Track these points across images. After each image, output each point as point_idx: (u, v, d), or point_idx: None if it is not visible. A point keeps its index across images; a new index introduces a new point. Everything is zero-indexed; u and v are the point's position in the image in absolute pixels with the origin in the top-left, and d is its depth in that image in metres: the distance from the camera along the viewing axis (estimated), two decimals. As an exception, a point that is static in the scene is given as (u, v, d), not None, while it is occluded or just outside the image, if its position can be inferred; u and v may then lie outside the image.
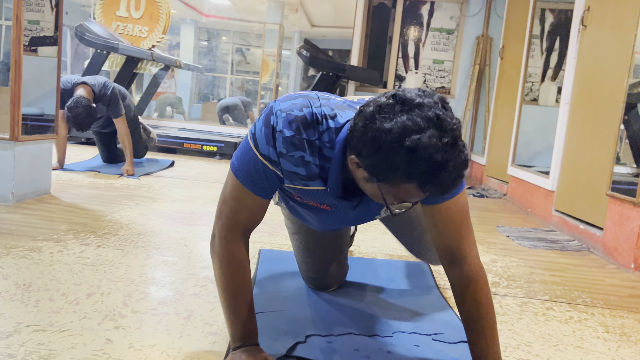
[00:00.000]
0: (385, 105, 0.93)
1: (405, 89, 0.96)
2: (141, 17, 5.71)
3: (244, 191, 1.13)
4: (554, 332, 1.56)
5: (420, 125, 0.88)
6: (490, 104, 5.27)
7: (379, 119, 0.92)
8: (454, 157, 0.89)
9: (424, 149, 0.87)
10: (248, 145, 1.11)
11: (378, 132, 0.91)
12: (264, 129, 1.08)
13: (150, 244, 2.06)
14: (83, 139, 5.28)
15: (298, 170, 1.10)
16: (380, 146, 0.91)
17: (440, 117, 0.89)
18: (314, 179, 1.12)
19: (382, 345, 1.32)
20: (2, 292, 1.46)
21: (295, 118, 1.06)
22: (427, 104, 0.91)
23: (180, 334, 1.31)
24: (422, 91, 0.95)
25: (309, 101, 1.09)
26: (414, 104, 0.91)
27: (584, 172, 2.92)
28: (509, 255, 2.43)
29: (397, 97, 0.93)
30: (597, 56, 2.92)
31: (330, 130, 1.08)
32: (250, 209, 1.15)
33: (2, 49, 2.86)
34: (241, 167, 1.12)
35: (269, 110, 1.10)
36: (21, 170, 2.56)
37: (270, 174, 1.11)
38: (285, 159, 1.08)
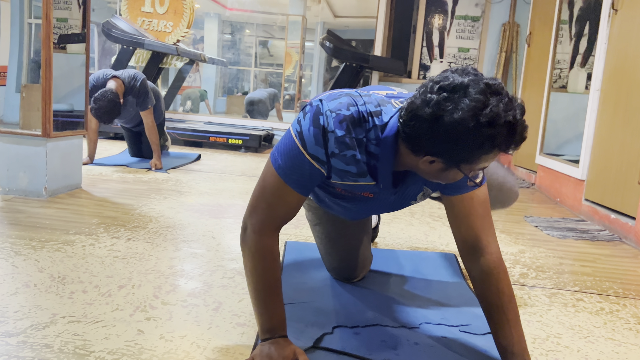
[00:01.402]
0: (442, 99, 0.94)
1: (439, 76, 0.98)
2: (166, 12, 5.77)
3: (286, 188, 1.14)
4: (585, 323, 1.53)
5: (482, 99, 0.92)
6: (517, 91, 5.17)
7: (445, 114, 0.94)
8: (518, 114, 0.95)
9: (498, 117, 0.92)
10: (294, 144, 1.11)
11: (452, 126, 0.93)
12: (313, 129, 1.08)
13: (178, 237, 2.10)
14: (112, 134, 5.38)
15: (349, 168, 1.12)
16: (459, 138, 0.94)
17: (490, 84, 0.94)
18: (365, 175, 1.14)
19: (409, 337, 1.33)
20: (38, 284, 1.51)
21: (344, 117, 1.08)
22: (471, 79, 0.94)
23: (210, 325, 1.34)
24: (455, 71, 0.97)
25: (353, 99, 1.11)
26: (463, 86, 0.94)
27: (615, 160, 2.85)
28: (538, 245, 2.39)
29: (445, 88, 0.95)
30: (629, 41, 2.84)
31: (376, 127, 1.09)
32: (288, 205, 1.16)
33: (32, 47, 2.93)
34: (284, 165, 1.13)
35: (316, 109, 1.10)
36: (53, 166, 2.63)
37: (316, 173, 1.12)
38: (337, 158, 1.10)
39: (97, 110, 3.34)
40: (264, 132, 5.58)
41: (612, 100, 2.97)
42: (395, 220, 2.64)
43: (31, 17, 2.90)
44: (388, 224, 2.57)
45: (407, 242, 2.30)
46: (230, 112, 9.47)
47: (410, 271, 1.87)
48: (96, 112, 3.35)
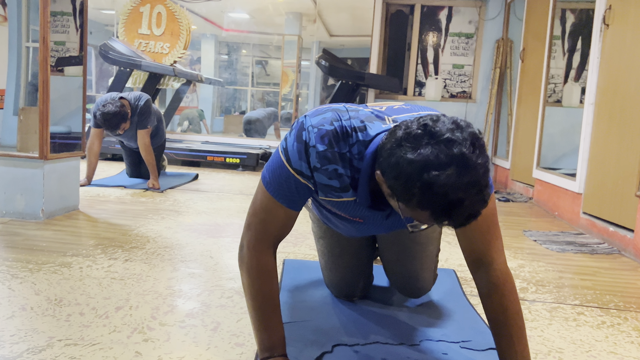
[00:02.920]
0: (414, 134, 0.92)
1: (440, 118, 0.94)
2: (162, 34, 5.83)
3: (275, 204, 1.15)
4: (586, 337, 1.52)
5: (443, 161, 0.88)
6: (512, 107, 5.21)
7: (405, 147, 0.92)
8: (470, 197, 0.89)
9: (439, 187, 0.88)
10: (280, 160, 1.13)
11: (401, 159, 0.92)
12: (296, 145, 1.10)
13: (176, 257, 2.09)
14: (109, 155, 5.39)
15: (332, 182, 1.12)
16: (400, 173, 0.92)
17: (466, 156, 0.88)
18: (347, 190, 1.13)
19: (410, 354, 1.31)
20: (34, 307, 1.50)
21: (326, 132, 1.08)
22: (456, 139, 0.89)
23: (208, 345, 1.32)
24: (456, 124, 0.92)
25: (338, 114, 1.11)
26: (442, 139, 0.89)
27: (611, 173, 2.85)
28: (537, 259, 2.39)
29: (427, 128, 0.92)
30: (621, 55, 2.87)
31: (360, 142, 1.09)
32: (280, 220, 1.17)
33: (30, 70, 2.95)
34: (272, 181, 1.14)
35: (300, 125, 1.11)
36: (50, 188, 2.62)
37: (302, 188, 1.14)
38: (319, 173, 1.10)
39: (104, 115, 3.40)
40: (262, 150, 5.59)
41: (606, 114, 2.99)
42: (394, 237, 2.63)
43: (29, 41, 2.93)
44: (387, 240, 2.56)
45: (406, 258, 2.29)
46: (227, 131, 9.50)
47: (410, 288, 1.85)
48: (103, 116, 3.40)
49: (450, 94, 5.83)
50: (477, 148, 0.90)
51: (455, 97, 5.83)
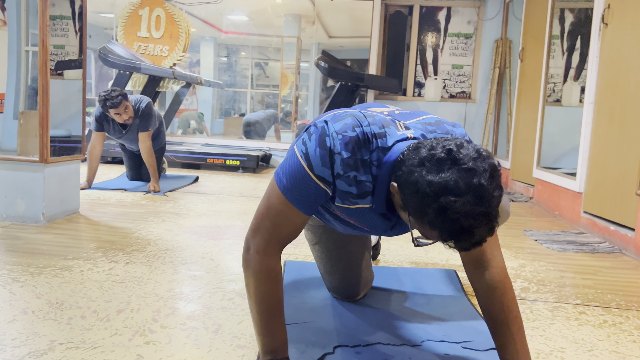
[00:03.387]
0: (438, 158, 0.94)
1: (464, 145, 0.96)
2: (161, 37, 5.83)
3: (291, 208, 1.14)
4: (588, 336, 1.52)
5: (461, 189, 0.91)
6: (512, 106, 5.21)
7: (427, 167, 0.94)
8: (480, 226, 0.93)
9: (453, 212, 0.91)
10: (299, 165, 1.11)
11: (421, 179, 0.94)
12: (319, 150, 1.09)
13: (177, 259, 2.09)
14: (109, 158, 5.39)
15: (351, 189, 1.12)
16: (417, 191, 0.95)
17: (484, 187, 0.91)
18: (365, 197, 1.13)
19: (411, 355, 1.31)
20: (35, 310, 1.50)
21: (350, 139, 1.08)
22: (477, 169, 0.92)
23: (209, 348, 1.32)
24: (478, 153, 0.95)
25: (358, 120, 1.11)
26: (463, 167, 0.92)
27: (612, 172, 2.85)
28: (538, 259, 2.39)
29: (451, 154, 0.94)
30: (620, 54, 2.87)
31: (379, 149, 1.10)
32: (293, 225, 1.16)
33: (29, 74, 2.95)
34: (290, 185, 1.12)
35: (322, 131, 1.10)
36: (51, 191, 2.62)
37: (321, 193, 1.13)
38: (341, 180, 1.10)
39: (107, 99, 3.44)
40: (262, 152, 5.59)
41: (606, 113, 2.99)
42: (395, 238, 2.63)
43: (28, 45, 2.93)
44: (388, 241, 2.56)
45: (407, 259, 2.29)
46: (227, 133, 9.50)
47: (411, 288, 1.85)
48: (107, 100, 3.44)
49: (449, 95, 5.84)
50: (495, 180, 0.94)
51: (455, 98, 5.83)
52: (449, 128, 1.18)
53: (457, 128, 1.19)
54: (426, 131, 1.16)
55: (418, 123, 1.18)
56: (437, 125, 1.18)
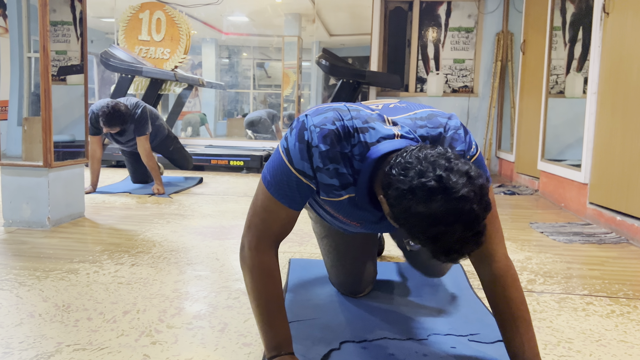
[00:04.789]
0: (429, 187, 0.92)
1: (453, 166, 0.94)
2: (162, 40, 5.84)
3: (276, 203, 1.15)
4: (596, 327, 1.51)
5: (453, 219, 0.91)
6: (515, 99, 5.19)
7: (418, 196, 0.93)
8: (470, 244, 0.95)
9: (445, 241, 0.93)
10: (281, 160, 1.13)
11: (413, 208, 0.94)
12: (298, 145, 1.10)
13: (182, 260, 2.10)
14: (113, 162, 5.41)
15: (332, 181, 1.12)
16: (408, 218, 0.95)
17: (474, 212, 0.92)
18: (347, 187, 1.14)
19: (418, 349, 1.31)
20: (42, 313, 1.50)
21: (329, 132, 1.08)
22: (468, 197, 0.91)
23: (216, 346, 1.33)
24: (468, 175, 0.94)
25: (339, 114, 1.11)
26: (454, 198, 0.91)
27: (617, 162, 2.84)
28: (544, 251, 2.38)
29: (441, 182, 0.92)
30: (622, 43, 2.85)
31: (362, 143, 1.09)
32: (281, 220, 1.17)
33: (32, 81, 2.96)
34: (273, 181, 1.14)
35: (301, 125, 1.11)
36: (56, 196, 2.63)
37: (304, 187, 1.13)
38: (322, 173, 1.11)
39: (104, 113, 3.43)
40: (265, 152, 5.59)
41: (609, 102, 2.97)
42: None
43: (30, 51, 2.94)
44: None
45: (412, 254, 2.28)
46: (230, 134, 9.51)
47: (416, 283, 1.85)
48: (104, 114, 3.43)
49: (452, 89, 5.82)
50: (484, 199, 0.94)
51: (457, 92, 5.81)
52: (442, 121, 1.16)
53: (452, 120, 1.17)
54: (415, 126, 1.15)
55: (407, 118, 1.17)
56: (429, 119, 1.16)
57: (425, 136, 1.14)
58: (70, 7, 3.03)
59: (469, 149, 1.15)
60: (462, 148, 1.14)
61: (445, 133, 1.15)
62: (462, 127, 1.17)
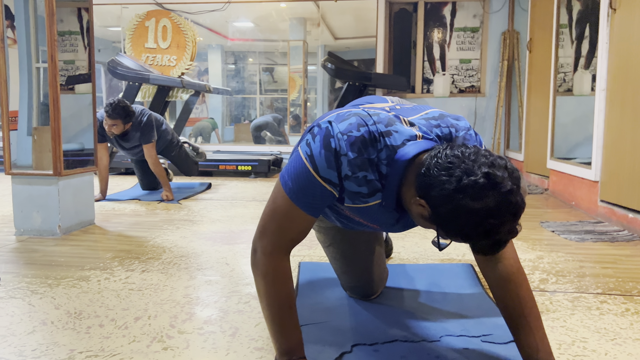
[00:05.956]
0: (481, 184, 0.94)
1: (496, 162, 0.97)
2: (169, 47, 5.87)
3: (296, 210, 1.13)
4: (610, 325, 1.49)
5: (503, 212, 0.95)
6: (522, 98, 5.16)
7: (470, 194, 0.94)
8: (511, 235, 0.99)
9: (495, 233, 0.96)
10: (304, 166, 1.10)
11: (466, 206, 0.95)
12: (324, 152, 1.08)
13: (192, 265, 2.10)
14: (122, 169, 5.44)
15: (361, 189, 1.11)
16: (460, 216, 0.96)
17: (519, 205, 0.96)
18: (374, 194, 1.13)
19: (430, 351, 1.30)
20: (54, 321, 1.51)
21: (356, 139, 1.07)
22: (513, 190, 0.95)
23: (227, 351, 1.32)
24: (507, 169, 0.97)
25: (363, 120, 1.10)
26: (503, 191, 0.94)
27: (627, 158, 2.81)
28: (556, 250, 2.35)
29: (489, 178, 0.94)
30: (630, 39, 2.83)
31: (387, 147, 1.09)
32: (299, 227, 1.16)
33: (41, 91, 2.99)
34: (295, 187, 1.12)
35: (326, 132, 1.09)
36: (66, 204, 2.65)
37: (327, 195, 1.12)
38: (350, 181, 1.10)
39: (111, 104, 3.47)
40: (273, 156, 5.60)
41: (619, 99, 2.94)
42: (409, 235, 2.62)
43: (39, 62, 2.96)
44: (402, 238, 2.55)
45: (422, 255, 2.27)
46: (238, 139, 9.54)
47: (428, 284, 1.84)
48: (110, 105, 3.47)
49: (458, 89, 5.80)
50: (522, 191, 0.98)
51: (464, 92, 5.79)
52: (452, 122, 1.17)
53: (460, 121, 1.18)
54: (430, 126, 1.15)
55: (421, 119, 1.17)
56: (441, 119, 1.17)
57: (440, 136, 1.15)
58: (77, 17, 3.06)
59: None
60: None
61: (457, 133, 1.15)
62: (472, 128, 1.18)
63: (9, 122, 2.72)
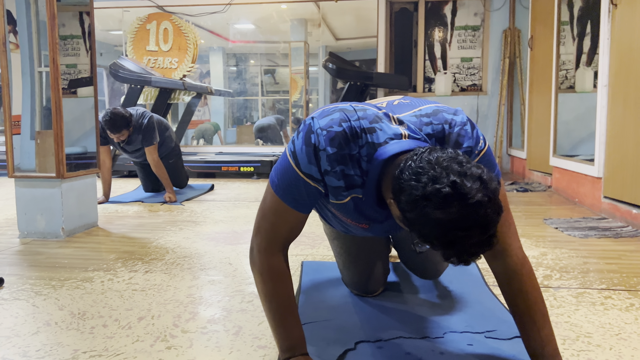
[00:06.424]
0: (445, 194, 0.90)
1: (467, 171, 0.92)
2: (170, 49, 5.89)
3: (284, 207, 1.15)
4: (615, 321, 1.49)
5: (469, 224, 0.90)
6: (524, 96, 5.15)
7: (434, 202, 0.90)
8: (483, 248, 0.95)
9: (461, 245, 0.92)
10: (288, 163, 1.12)
11: (429, 215, 0.91)
12: (305, 148, 1.09)
13: (195, 266, 2.10)
14: (125, 172, 5.45)
15: (339, 183, 1.11)
16: (424, 224, 0.93)
17: (489, 217, 0.91)
18: (353, 188, 1.13)
19: (434, 347, 1.30)
20: (59, 322, 1.51)
21: (336, 135, 1.08)
22: (482, 202, 0.90)
23: (231, 349, 1.32)
24: (481, 180, 0.92)
25: (346, 115, 1.10)
26: (469, 203, 0.90)
27: (630, 154, 2.80)
28: (560, 247, 2.35)
29: (456, 188, 0.90)
30: (632, 34, 2.82)
31: (369, 144, 1.08)
32: (289, 223, 1.17)
33: (44, 95, 3.00)
34: (281, 184, 1.14)
35: (308, 128, 1.10)
36: (69, 206, 2.66)
37: (312, 191, 1.13)
38: (330, 176, 1.10)
39: (108, 119, 3.46)
40: (275, 157, 5.60)
41: (621, 95, 2.94)
42: (412, 233, 2.61)
43: (41, 66, 2.97)
44: (405, 237, 2.54)
45: (425, 253, 2.27)
46: (241, 141, 9.55)
47: (429, 281, 1.83)
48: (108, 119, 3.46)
49: (460, 88, 5.79)
50: (497, 203, 0.93)
51: (466, 91, 5.79)
52: (447, 117, 1.14)
53: (457, 115, 1.15)
54: (420, 124, 1.13)
55: (412, 116, 1.15)
56: (434, 115, 1.15)
57: (431, 134, 1.12)
58: (79, 20, 3.07)
59: (477, 144, 1.13)
60: (470, 144, 1.12)
61: (451, 129, 1.12)
62: (469, 122, 1.14)
63: (12, 126, 2.73)
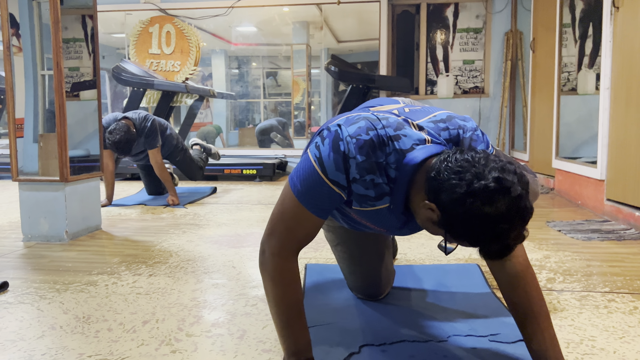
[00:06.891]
0: (492, 189, 0.94)
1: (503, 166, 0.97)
2: (172, 52, 5.90)
3: (304, 212, 1.15)
4: (619, 324, 1.49)
5: (513, 216, 0.95)
6: (526, 98, 5.15)
7: (482, 199, 0.94)
8: (520, 239, 0.99)
9: (506, 237, 0.97)
10: (313, 169, 1.12)
11: (478, 211, 0.95)
12: (333, 155, 1.09)
13: (199, 269, 2.11)
14: (128, 174, 5.46)
15: (368, 192, 1.12)
16: (471, 220, 0.96)
17: (527, 208, 0.96)
18: (382, 198, 1.13)
19: (438, 350, 1.30)
20: (63, 325, 1.52)
21: (364, 143, 1.08)
22: (522, 195, 0.96)
23: (235, 353, 1.33)
24: (516, 173, 0.97)
25: (371, 123, 1.11)
26: (513, 196, 0.95)
27: (633, 156, 2.80)
28: (563, 249, 2.35)
29: (500, 183, 0.94)
30: (634, 37, 2.82)
31: (396, 151, 1.09)
32: (306, 228, 1.17)
33: (47, 98, 3.01)
34: (304, 190, 1.13)
35: (335, 135, 1.10)
36: (73, 209, 2.67)
37: (335, 197, 1.13)
38: (358, 184, 1.11)
39: (114, 142, 3.43)
40: (277, 160, 5.61)
41: (623, 97, 2.94)
42: (415, 236, 2.61)
43: (44, 69, 2.99)
44: (408, 239, 2.55)
45: (428, 256, 2.27)
46: (243, 144, 9.56)
47: (434, 285, 1.84)
48: (113, 143, 3.43)
49: (462, 90, 5.80)
50: (529, 195, 0.99)
51: (468, 93, 5.79)
52: (460, 123, 1.18)
53: (468, 122, 1.19)
54: (438, 129, 1.15)
55: (429, 122, 1.17)
56: (449, 121, 1.18)
57: (448, 139, 1.15)
58: (82, 24, 3.08)
59: (487, 148, 1.17)
60: (483, 148, 1.15)
61: (464, 134, 1.16)
62: (479, 129, 1.18)
63: (16, 130, 2.74)
